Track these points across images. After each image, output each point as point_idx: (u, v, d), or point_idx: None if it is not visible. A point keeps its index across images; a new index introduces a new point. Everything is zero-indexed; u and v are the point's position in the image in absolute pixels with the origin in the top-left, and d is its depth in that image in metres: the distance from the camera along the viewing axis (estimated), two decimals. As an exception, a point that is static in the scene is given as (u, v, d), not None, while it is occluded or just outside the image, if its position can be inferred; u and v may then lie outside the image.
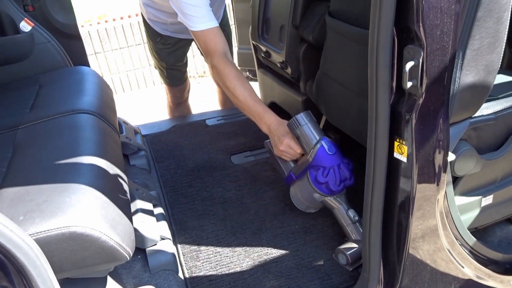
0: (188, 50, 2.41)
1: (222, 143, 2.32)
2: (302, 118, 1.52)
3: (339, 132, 1.95)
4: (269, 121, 1.59)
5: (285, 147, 1.56)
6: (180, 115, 2.71)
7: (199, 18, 1.58)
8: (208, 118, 2.60)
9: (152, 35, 2.27)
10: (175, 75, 2.40)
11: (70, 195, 1.14)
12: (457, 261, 1.28)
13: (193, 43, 2.41)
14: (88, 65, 2.35)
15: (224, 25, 2.38)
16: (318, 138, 1.49)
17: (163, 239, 1.55)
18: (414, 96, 1.00)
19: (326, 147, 1.47)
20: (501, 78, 1.51)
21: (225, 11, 2.39)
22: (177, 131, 2.47)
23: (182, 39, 2.27)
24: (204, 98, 3.76)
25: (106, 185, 1.27)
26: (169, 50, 2.29)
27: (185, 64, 2.47)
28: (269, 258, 1.57)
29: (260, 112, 1.60)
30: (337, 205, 1.54)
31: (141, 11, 2.29)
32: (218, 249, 1.62)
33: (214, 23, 1.61)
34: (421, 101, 0.99)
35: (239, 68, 2.71)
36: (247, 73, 2.87)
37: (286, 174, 1.64)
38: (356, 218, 1.49)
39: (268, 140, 1.67)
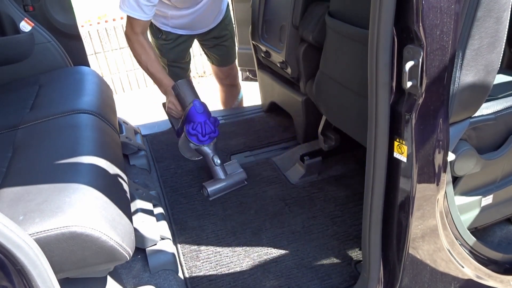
0: (189, 48, 2.41)
1: (222, 143, 2.32)
2: (180, 83, 1.90)
3: (339, 132, 1.95)
4: (166, 85, 1.95)
5: (171, 104, 1.94)
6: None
7: (133, 6, 1.81)
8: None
9: (154, 31, 2.29)
10: (176, 73, 2.41)
11: (70, 195, 1.14)
12: (457, 261, 1.28)
13: (194, 41, 2.42)
14: (88, 65, 2.35)
15: (226, 24, 2.40)
16: (191, 100, 1.86)
17: (163, 239, 1.55)
18: (414, 96, 1.00)
19: (196, 107, 1.84)
20: (501, 78, 1.51)
21: (228, 9, 2.40)
22: (177, 131, 2.47)
23: (182, 35, 2.28)
24: (204, 98, 3.76)
25: (106, 185, 1.27)
26: (170, 46, 2.30)
27: (187, 63, 2.48)
28: (269, 258, 1.57)
29: (160, 77, 1.96)
30: (205, 152, 1.91)
31: None
32: (218, 249, 1.62)
33: (144, 17, 1.86)
34: (421, 101, 0.99)
35: (239, 68, 2.73)
36: (247, 73, 2.87)
37: (176, 129, 1.99)
38: (219, 162, 1.91)
39: (164, 102, 2.03)
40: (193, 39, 2.38)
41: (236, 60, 2.65)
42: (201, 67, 4.84)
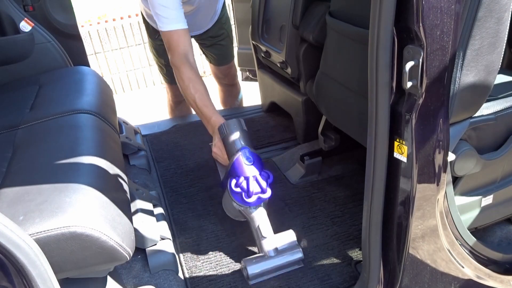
0: None
1: (222, 143, 2.32)
2: (229, 124, 1.55)
3: (339, 132, 1.95)
4: (214, 124, 1.62)
5: (216, 148, 1.60)
6: (181, 114, 2.71)
7: (167, 19, 1.65)
8: (208, 118, 2.59)
9: (151, 32, 2.28)
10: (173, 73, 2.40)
11: (70, 195, 1.14)
12: (457, 261, 1.28)
13: (192, 42, 2.41)
14: (88, 65, 2.34)
15: (223, 23, 2.39)
16: (239, 146, 1.49)
17: (163, 239, 1.55)
18: (414, 96, 1.00)
19: (244, 156, 1.47)
20: (501, 78, 1.51)
21: (224, 8, 2.39)
22: (177, 131, 2.47)
23: None
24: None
25: (106, 185, 1.27)
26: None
27: None
28: (269, 258, 1.57)
29: (208, 114, 1.64)
30: (250, 217, 1.52)
31: (140, 9, 2.30)
32: (218, 249, 1.62)
33: (180, 26, 1.67)
34: (421, 101, 0.99)
35: (239, 68, 2.72)
36: (247, 73, 2.87)
37: (222, 179, 1.62)
38: (267, 234, 1.49)
39: (211, 143, 1.66)
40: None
41: (236, 60, 2.65)
42: (200, 67, 4.84)
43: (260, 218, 1.50)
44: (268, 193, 1.48)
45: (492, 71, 1.10)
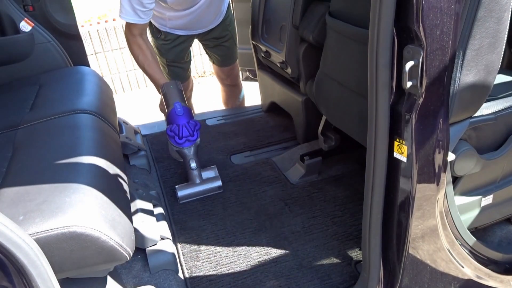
0: (188, 49, 2.41)
1: (222, 143, 2.32)
2: (167, 85, 1.93)
3: (339, 132, 1.95)
4: (160, 85, 1.97)
5: (161, 104, 1.98)
6: None
7: (127, 11, 1.86)
8: (208, 118, 2.60)
9: (153, 31, 2.30)
10: (176, 72, 2.42)
11: (70, 195, 1.14)
12: (457, 261, 1.28)
13: (194, 42, 2.42)
14: (88, 65, 2.35)
15: (227, 25, 2.39)
16: (173, 101, 1.87)
17: (163, 239, 1.55)
18: (414, 96, 1.00)
19: (176, 109, 1.85)
20: (501, 78, 1.51)
21: (229, 9, 2.40)
22: (177, 131, 2.47)
23: (180, 36, 2.28)
24: (204, 98, 3.76)
25: (106, 185, 1.27)
26: (168, 46, 2.31)
27: (187, 63, 2.48)
28: (269, 258, 1.57)
29: (156, 78, 1.98)
30: (183, 154, 1.89)
31: None
32: (218, 249, 1.62)
33: (140, 21, 1.90)
34: (421, 101, 0.99)
35: (239, 68, 2.73)
36: (247, 73, 2.87)
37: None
38: (194, 166, 1.89)
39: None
40: (192, 39, 2.38)
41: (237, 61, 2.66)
42: (201, 67, 4.84)
43: (190, 155, 1.89)
44: (195, 136, 1.87)
45: (492, 71, 1.10)
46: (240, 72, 2.84)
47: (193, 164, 1.89)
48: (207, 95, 3.96)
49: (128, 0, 1.82)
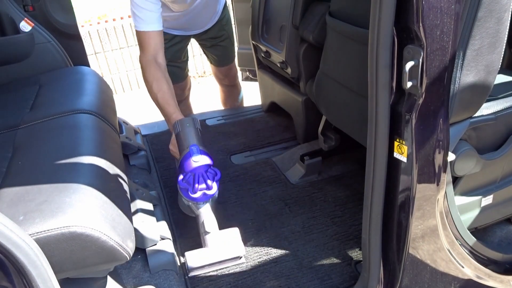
0: (185, 49, 2.41)
1: (222, 143, 2.32)
2: (182, 121, 1.60)
3: (339, 132, 1.95)
4: (173, 121, 1.67)
5: (172, 146, 1.67)
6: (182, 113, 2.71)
7: (142, 20, 1.72)
8: (208, 118, 2.60)
9: None
10: (173, 72, 2.39)
11: (70, 195, 1.14)
12: (457, 261, 1.28)
13: (191, 42, 2.42)
14: (88, 65, 2.34)
15: (224, 25, 2.39)
16: (189, 143, 1.51)
17: (163, 239, 1.54)
18: (414, 96, 1.00)
19: (192, 153, 1.48)
20: (501, 78, 1.51)
21: (225, 9, 2.39)
22: (177, 131, 2.47)
23: (176, 36, 2.28)
24: (204, 98, 3.76)
25: (106, 185, 1.27)
26: (165, 46, 2.29)
27: (184, 62, 2.48)
28: (269, 258, 1.57)
29: (169, 111, 1.70)
30: (197, 212, 1.57)
31: None
32: (218, 249, 1.62)
33: (153, 27, 1.74)
34: (421, 101, 0.99)
35: (238, 67, 2.73)
36: (247, 73, 2.87)
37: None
38: (210, 229, 1.53)
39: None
40: (188, 39, 2.38)
41: (236, 60, 2.65)
42: (201, 67, 4.84)
43: (205, 213, 1.54)
44: (214, 189, 1.52)
45: (492, 71, 1.10)
46: (240, 72, 2.84)
47: (209, 228, 1.52)
48: (207, 95, 3.96)
49: (140, 6, 1.69)
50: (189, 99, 2.75)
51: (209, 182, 1.50)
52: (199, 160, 1.47)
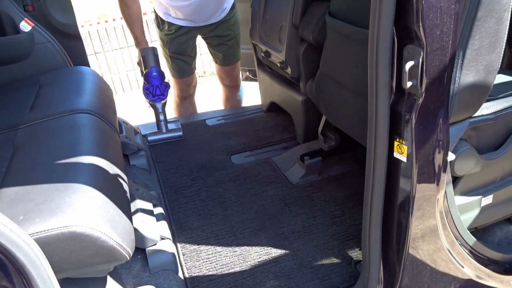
0: (192, 43, 2.45)
1: (222, 143, 2.32)
2: (145, 50, 2.29)
3: (339, 132, 1.95)
4: (140, 44, 2.32)
5: (138, 60, 2.32)
6: (186, 111, 2.74)
7: None
8: (208, 118, 2.60)
9: (158, 23, 2.41)
10: (179, 65, 2.48)
11: (70, 195, 1.14)
12: (457, 261, 1.28)
13: (197, 38, 2.47)
14: (88, 65, 2.35)
15: (231, 25, 2.46)
16: (150, 65, 2.28)
17: (163, 239, 1.55)
18: (414, 96, 1.00)
19: (152, 72, 2.27)
20: (501, 78, 1.51)
21: (234, 10, 2.45)
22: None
23: (183, 26, 2.34)
24: (204, 98, 3.76)
25: (106, 185, 1.27)
26: (171, 37, 2.39)
27: (191, 57, 2.52)
28: (269, 258, 1.57)
29: (135, 36, 2.32)
30: (155, 108, 2.37)
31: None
32: (218, 249, 1.62)
33: None
34: (421, 101, 0.99)
35: (240, 69, 2.74)
36: (247, 73, 2.87)
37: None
38: (162, 118, 2.38)
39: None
40: (195, 33, 2.42)
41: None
42: (201, 67, 4.84)
43: (159, 109, 2.37)
44: (165, 96, 2.35)
45: (491, 71, 1.10)
46: (240, 72, 2.84)
47: (161, 117, 2.37)
48: (207, 95, 3.96)
49: None
50: (194, 97, 2.78)
51: (161, 90, 2.33)
52: (157, 78, 2.30)
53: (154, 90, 2.30)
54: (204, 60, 4.77)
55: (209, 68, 4.76)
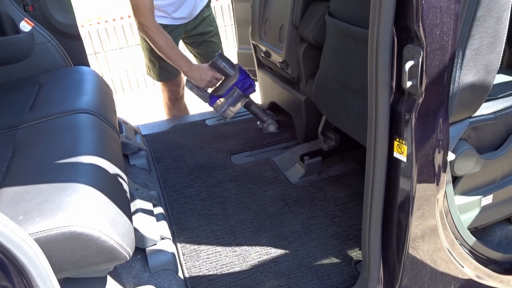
0: (177, 42, 2.39)
1: (222, 143, 2.32)
2: (220, 55, 2.07)
3: (339, 132, 1.96)
4: (185, 66, 2.05)
5: (211, 78, 2.05)
6: (178, 113, 2.72)
7: None
8: (208, 118, 2.60)
9: None
10: (165, 68, 2.41)
11: (70, 195, 1.14)
12: (457, 261, 1.28)
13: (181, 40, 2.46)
14: (88, 65, 2.35)
15: (211, 21, 2.50)
16: (234, 64, 2.06)
17: (163, 239, 1.55)
18: (414, 95, 1.00)
19: (242, 69, 2.09)
20: (501, 78, 1.51)
21: (209, 8, 2.47)
22: (177, 131, 2.47)
23: (167, 25, 2.27)
24: (199, 99, 3.75)
25: (106, 185, 1.27)
26: None
27: None
28: (269, 258, 1.57)
29: (178, 58, 2.06)
30: (250, 103, 2.16)
31: None
32: (218, 249, 1.62)
33: None
34: (420, 100, 0.99)
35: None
36: (247, 73, 2.87)
37: (209, 99, 2.12)
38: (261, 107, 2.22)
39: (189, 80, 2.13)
40: (179, 32, 2.37)
41: (236, 60, 2.66)
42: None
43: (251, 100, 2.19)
44: (253, 86, 2.12)
45: (491, 71, 1.10)
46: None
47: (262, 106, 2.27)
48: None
49: None
50: (184, 99, 2.75)
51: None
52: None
53: (251, 81, 2.10)
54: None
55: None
